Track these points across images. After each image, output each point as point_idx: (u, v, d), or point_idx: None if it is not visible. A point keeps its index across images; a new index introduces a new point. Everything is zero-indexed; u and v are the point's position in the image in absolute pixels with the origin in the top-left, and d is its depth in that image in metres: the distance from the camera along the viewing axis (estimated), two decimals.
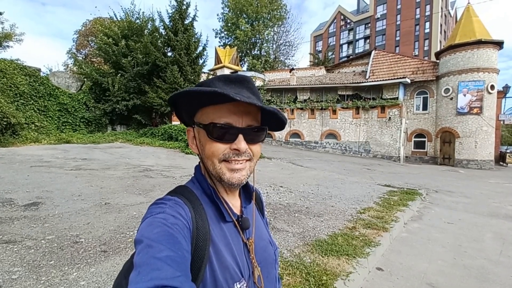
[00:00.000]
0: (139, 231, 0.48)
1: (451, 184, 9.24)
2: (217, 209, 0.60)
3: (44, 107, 13.36)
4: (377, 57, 20.77)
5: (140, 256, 0.43)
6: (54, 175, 5.73)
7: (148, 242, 0.45)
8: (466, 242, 3.86)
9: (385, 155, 17.55)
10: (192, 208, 0.55)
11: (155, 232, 0.46)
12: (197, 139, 0.60)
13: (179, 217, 0.51)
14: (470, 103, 16.45)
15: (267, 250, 0.68)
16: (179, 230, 0.48)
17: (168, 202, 0.54)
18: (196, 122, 0.59)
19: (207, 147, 0.57)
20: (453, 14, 45.99)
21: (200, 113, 0.59)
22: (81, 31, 27.86)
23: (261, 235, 0.68)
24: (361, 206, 5.05)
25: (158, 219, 0.49)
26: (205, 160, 0.59)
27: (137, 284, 0.39)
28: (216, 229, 0.57)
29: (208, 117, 0.56)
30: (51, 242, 2.73)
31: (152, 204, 0.54)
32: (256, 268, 0.61)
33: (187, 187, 0.61)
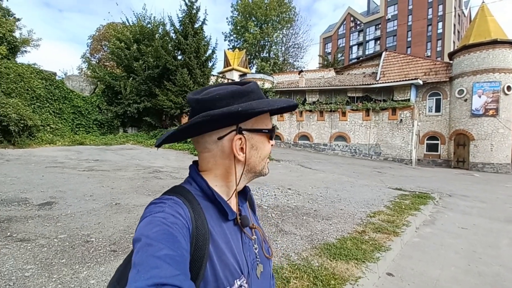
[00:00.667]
0: (137, 230, 0.48)
1: (466, 188, 8.96)
2: (216, 209, 0.60)
3: (59, 110, 13.79)
4: (388, 58, 20.45)
5: (139, 255, 0.43)
6: (68, 175, 5.88)
7: (147, 240, 0.45)
8: (481, 248, 3.73)
9: (396, 158, 17.19)
10: (191, 208, 0.55)
11: (154, 231, 0.46)
12: (247, 145, 0.61)
13: (179, 217, 0.51)
14: (486, 104, 15.95)
15: (262, 247, 0.70)
16: (179, 229, 0.49)
17: (167, 201, 0.54)
18: (249, 129, 0.61)
19: (266, 149, 0.65)
20: (467, 14, 44.86)
21: (253, 120, 0.62)
22: (95, 36, 28.66)
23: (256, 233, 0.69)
24: (371, 210, 4.96)
25: (157, 218, 0.49)
26: (257, 161, 0.64)
27: (137, 283, 0.39)
28: (216, 228, 0.57)
29: (266, 123, 0.64)
30: (63, 241, 2.80)
31: (151, 204, 0.54)
32: (259, 265, 0.64)
33: (184, 187, 0.61)
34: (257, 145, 0.63)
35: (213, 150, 0.61)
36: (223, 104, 0.57)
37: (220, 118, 0.56)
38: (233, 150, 0.59)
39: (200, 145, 0.62)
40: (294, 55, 36.99)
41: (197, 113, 0.57)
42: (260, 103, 0.58)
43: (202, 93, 0.61)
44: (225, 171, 0.62)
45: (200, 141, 0.62)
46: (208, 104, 0.58)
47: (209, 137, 0.60)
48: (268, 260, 0.70)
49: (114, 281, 0.58)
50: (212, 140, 0.60)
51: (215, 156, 0.61)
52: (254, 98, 0.61)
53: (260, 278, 0.64)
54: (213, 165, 0.62)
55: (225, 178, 0.62)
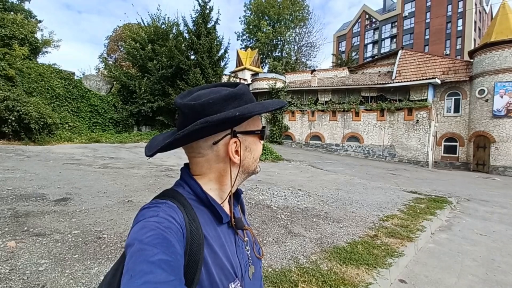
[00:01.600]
0: (130, 234, 0.47)
1: (485, 192, 8.57)
2: (210, 212, 0.60)
3: (77, 108, 14.27)
4: (404, 56, 19.86)
5: (132, 260, 0.42)
6: (83, 172, 6.07)
7: (141, 246, 0.44)
8: (500, 256, 3.55)
9: (412, 160, 16.69)
10: (185, 212, 0.54)
11: (148, 236, 0.45)
12: (241, 147, 0.61)
13: (173, 221, 0.50)
14: (508, 105, 15.21)
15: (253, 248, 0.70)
16: (173, 234, 0.48)
17: (161, 205, 0.53)
18: (243, 131, 0.62)
19: (258, 150, 0.66)
20: (488, 11, 42.87)
21: (245, 123, 0.63)
22: (111, 37, 29.48)
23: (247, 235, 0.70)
24: (384, 213, 4.83)
25: (151, 223, 0.48)
26: (251, 162, 0.64)
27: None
28: (210, 232, 0.57)
29: (255, 124, 0.65)
30: (76, 236, 2.88)
31: (144, 208, 0.53)
32: (251, 266, 0.64)
33: (177, 191, 0.60)
34: (250, 146, 0.64)
35: (208, 154, 0.60)
36: (217, 108, 0.56)
37: (219, 123, 0.55)
38: (228, 153, 0.59)
39: (193, 150, 0.61)
40: (307, 54, 36.72)
41: (191, 119, 0.55)
42: (256, 106, 0.59)
43: (189, 97, 0.60)
44: (219, 175, 0.62)
45: (194, 146, 0.60)
46: (202, 109, 0.56)
47: (204, 143, 0.59)
48: (259, 260, 0.71)
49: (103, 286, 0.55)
50: (207, 145, 0.59)
51: (210, 161, 0.60)
52: (246, 100, 0.61)
53: (252, 279, 0.64)
54: (207, 169, 0.61)
55: (220, 181, 0.62)
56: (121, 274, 0.43)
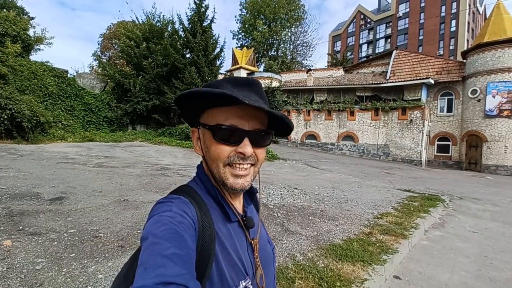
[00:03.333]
0: (145, 228, 0.49)
1: (478, 190, 8.73)
2: (221, 209, 0.60)
3: (70, 107, 14.08)
4: (399, 57, 20.08)
5: (146, 253, 0.43)
6: (78, 171, 6.01)
7: (154, 239, 0.45)
8: (493, 253, 3.63)
9: (406, 159, 16.90)
10: (197, 207, 0.55)
11: (161, 230, 0.46)
12: (201, 140, 0.61)
13: (186, 216, 0.51)
14: (500, 105, 15.50)
15: (266, 248, 0.69)
16: (185, 228, 0.49)
17: (175, 201, 0.54)
18: (201, 123, 0.59)
19: (212, 149, 0.57)
20: (481, 12, 43.56)
21: (206, 115, 0.59)
22: (105, 34, 29.13)
23: (261, 234, 0.69)
24: (378, 211, 4.89)
25: (164, 217, 0.49)
26: (209, 162, 0.59)
27: (144, 280, 0.40)
28: (222, 228, 0.58)
29: (214, 119, 0.57)
30: (72, 235, 2.86)
31: (158, 203, 0.55)
32: (259, 267, 0.62)
33: (191, 187, 0.61)
34: (206, 142, 0.59)
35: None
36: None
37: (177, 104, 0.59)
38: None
39: None
40: (302, 54, 36.81)
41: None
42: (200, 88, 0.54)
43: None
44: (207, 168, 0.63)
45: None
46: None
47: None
48: (272, 260, 0.70)
49: (120, 277, 0.59)
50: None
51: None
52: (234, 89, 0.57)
53: (265, 279, 0.64)
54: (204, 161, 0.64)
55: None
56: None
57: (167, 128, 15.53)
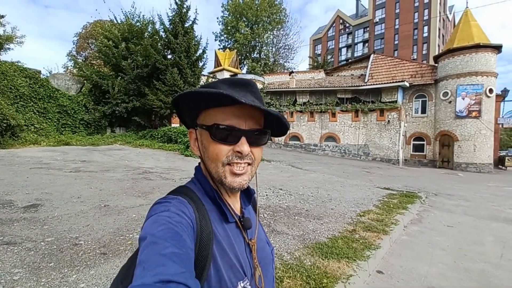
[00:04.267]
0: (143, 228, 0.49)
1: (451, 187, 9.25)
2: (219, 210, 0.60)
3: (44, 109, 13.35)
4: (376, 60, 20.89)
5: (145, 253, 0.43)
6: (53, 177, 5.71)
7: (153, 239, 0.45)
8: (467, 245, 3.86)
9: (384, 158, 17.57)
10: (195, 208, 0.55)
11: (160, 230, 0.47)
12: (199, 141, 0.61)
13: (184, 216, 0.51)
14: (469, 106, 16.53)
15: (265, 250, 0.70)
16: (184, 228, 0.49)
17: (173, 201, 0.54)
18: (199, 124, 0.60)
19: (211, 149, 0.58)
20: (451, 19, 46.36)
21: (203, 115, 0.59)
22: (81, 34, 27.93)
23: (259, 235, 0.69)
24: (361, 209, 5.05)
25: (162, 217, 0.49)
26: (207, 162, 0.59)
27: (143, 279, 0.40)
28: (220, 229, 0.58)
29: (212, 119, 0.57)
30: (50, 244, 2.71)
31: (156, 203, 0.55)
32: (257, 268, 0.62)
33: (189, 187, 0.62)
34: (204, 142, 0.59)
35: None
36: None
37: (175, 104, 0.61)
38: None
39: None
40: (284, 56, 37.25)
41: None
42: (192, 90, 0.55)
43: None
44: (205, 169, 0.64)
45: None
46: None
47: None
48: (271, 261, 0.71)
49: (117, 280, 0.58)
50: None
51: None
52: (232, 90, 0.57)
53: (264, 280, 0.64)
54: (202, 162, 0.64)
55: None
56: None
57: (149, 130, 15.13)
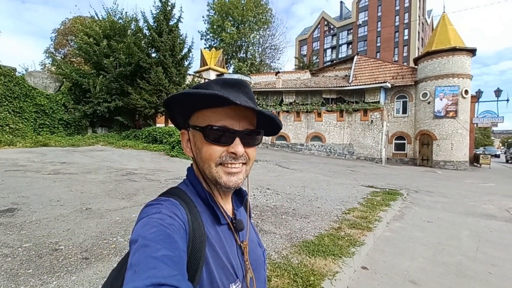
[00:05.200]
0: (134, 231, 0.48)
1: (430, 184, 9.64)
2: (211, 212, 0.60)
3: (20, 109, 12.70)
4: (359, 62, 21.41)
5: (136, 256, 0.42)
6: (31, 179, 5.45)
7: (144, 241, 0.44)
8: (445, 239, 4.04)
9: (368, 157, 18.05)
10: (188, 209, 0.54)
11: (151, 232, 0.46)
12: (192, 142, 0.60)
13: (176, 218, 0.50)
14: (446, 107, 17.29)
15: (257, 252, 0.69)
16: (176, 230, 0.48)
17: (164, 203, 0.53)
18: (191, 125, 0.59)
19: (204, 150, 0.57)
20: (429, 22, 48.30)
21: (196, 116, 0.59)
22: (60, 30, 26.79)
23: (251, 237, 0.69)
24: (346, 207, 5.16)
25: (154, 219, 0.48)
26: (201, 163, 0.59)
27: (134, 282, 0.38)
28: (212, 231, 0.57)
29: (205, 120, 0.57)
30: (28, 250, 2.59)
31: (147, 205, 0.54)
32: (249, 270, 0.62)
33: (181, 189, 0.61)
34: (197, 143, 0.59)
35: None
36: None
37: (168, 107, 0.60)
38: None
39: None
40: (271, 56, 37.45)
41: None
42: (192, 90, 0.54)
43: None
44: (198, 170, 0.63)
45: None
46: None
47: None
48: (263, 263, 0.70)
49: (107, 284, 0.56)
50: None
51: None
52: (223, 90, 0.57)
53: (256, 282, 0.63)
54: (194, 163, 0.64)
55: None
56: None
57: (132, 130, 14.75)
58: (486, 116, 19.55)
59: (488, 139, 66.80)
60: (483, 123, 20.03)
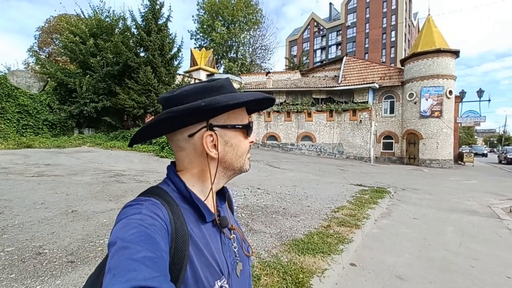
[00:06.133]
0: (112, 233, 0.46)
1: (416, 182, 9.89)
2: (194, 210, 0.59)
3: (1, 109, 12.25)
4: (348, 63, 21.74)
5: (115, 259, 0.40)
6: (13, 182, 5.27)
7: (124, 243, 0.42)
8: (430, 236, 4.15)
9: (357, 156, 18.34)
10: (169, 209, 0.53)
11: (131, 233, 0.44)
12: (221, 142, 0.60)
13: (157, 218, 0.49)
14: (432, 107, 17.78)
15: (242, 246, 0.70)
16: (157, 231, 0.47)
17: (145, 202, 0.52)
18: (220, 125, 0.60)
19: (243, 146, 0.64)
20: (415, 24, 49.57)
21: (225, 116, 0.61)
22: (44, 28, 26.01)
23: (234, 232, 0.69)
24: (335, 205, 5.24)
25: (134, 220, 0.47)
26: (234, 158, 0.63)
27: (113, 287, 0.37)
28: (195, 229, 0.56)
29: (238, 118, 0.63)
30: (11, 254, 2.51)
31: (126, 206, 0.52)
32: (238, 264, 0.63)
33: (161, 188, 0.59)
34: (231, 141, 0.61)
35: (187, 148, 0.60)
36: (190, 100, 0.56)
37: (183, 114, 0.54)
38: (204, 147, 0.58)
39: (173, 144, 0.61)
40: (261, 57, 37.47)
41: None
42: (226, 97, 0.56)
43: (175, 92, 0.60)
44: (201, 170, 0.61)
45: (173, 139, 0.61)
46: (174, 101, 0.57)
47: (181, 135, 0.59)
48: (248, 258, 0.71)
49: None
50: (184, 138, 0.59)
51: (189, 155, 0.60)
52: (225, 92, 0.60)
53: (240, 276, 0.64)
54: (188, 164, 0.61)
55: (202, 177, 0.61)
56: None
57: (121, 131, 14.47)
58: (469, 115, 20.22)
59: (472, 138, 69.15)
60: (467, 122, 20.71)
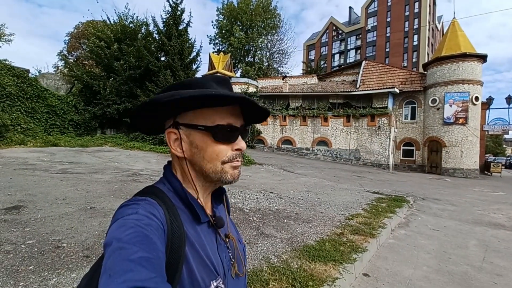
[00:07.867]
0: (108, 233, 0.45)
1: (438, 192, 9.43)
2: (190, 211, 0.59)
3: (32, 109, 13.07)
4: (368, 67, 21.26)
5: (111, 259, 0.40)
6: (39, 178, 5.57)
7: (120, 244, 0.42)
8: (451, 248, 3.93)
9: (375, 163, 17.79)
10: (166, 209, 0.53)
11: (127, 234, 0.43)
12: (185, 141, 0.58)
13: (153, 218, 0.49)
14: (456, 113, 16.96)
15: (237, 247, 0.69)
16: (153, 231, 0.46)
17: (141, 202, 0.51)
18: (186, 124, 0.57)
19: (210, 150, 0.57)
20: (439, 28, 47.73)
21: (191, 115, 0.57)
22: (73, 33, 27.60)
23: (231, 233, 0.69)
24: (349, 213, 5.09)
25: (130, 220, 0.46)
26: (202, 162, 0.58)
27: (109, 287, 0.37)
28: (191, 230, 0.56)
29: (208, 119, 0.56)
30: (31, 246, 2.64)
31: (122, 206, 0.52)
32: (234, 265, 0.62)
33: (158, 188, 0.59)
34: (196, 143, 0.57)
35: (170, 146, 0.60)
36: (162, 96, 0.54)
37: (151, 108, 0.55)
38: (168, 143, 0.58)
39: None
40: (278, 61, 37.53)
41: None
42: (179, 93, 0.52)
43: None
44: (182, 170, 0.61)
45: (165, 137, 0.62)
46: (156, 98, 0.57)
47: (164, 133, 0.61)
48: (243, 259, 0.70)
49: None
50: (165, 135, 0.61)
51: (173, 153, 0.60)
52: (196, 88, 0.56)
53: (235, 277, 0.63)
54: (176, 162, 0.61)
55: (185, 177, 0.60)
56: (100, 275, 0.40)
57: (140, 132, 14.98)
58: (497, 123, 19.09)
59: (500, 147, 65.07)
60: (494, 130, 19.55)
